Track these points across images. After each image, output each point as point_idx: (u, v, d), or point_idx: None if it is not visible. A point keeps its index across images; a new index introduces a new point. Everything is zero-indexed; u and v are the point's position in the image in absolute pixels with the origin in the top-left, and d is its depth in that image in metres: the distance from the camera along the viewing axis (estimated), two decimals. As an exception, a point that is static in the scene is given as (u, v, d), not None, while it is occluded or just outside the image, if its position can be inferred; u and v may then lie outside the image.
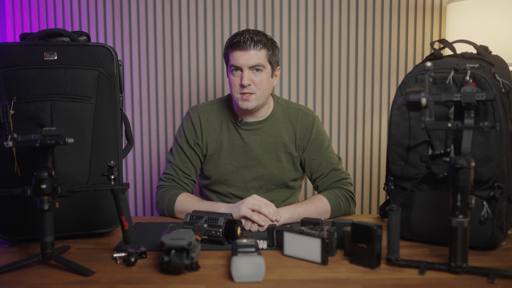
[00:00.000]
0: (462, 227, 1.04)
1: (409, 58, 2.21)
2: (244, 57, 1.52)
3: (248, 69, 1.53)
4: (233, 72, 1.56)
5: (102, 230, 1.33)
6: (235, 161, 1.64)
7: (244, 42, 1.52)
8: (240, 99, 1.55)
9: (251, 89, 1.53)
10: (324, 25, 2.19)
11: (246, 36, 1.53)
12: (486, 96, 1.06)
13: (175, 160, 1.65)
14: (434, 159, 1.24)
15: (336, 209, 1.53)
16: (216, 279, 1.04)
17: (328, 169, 1.64)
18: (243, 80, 1.52)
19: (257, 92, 1.55)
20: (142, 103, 2.22)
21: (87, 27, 2.19)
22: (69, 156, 1.27)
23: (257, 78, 1.54)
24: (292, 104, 1.71)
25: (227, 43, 1.58)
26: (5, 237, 1.28)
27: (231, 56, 1.55)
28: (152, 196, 2.28)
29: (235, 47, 1.53)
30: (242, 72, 1.54)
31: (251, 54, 1.52)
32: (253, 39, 1.53)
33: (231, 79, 1.57)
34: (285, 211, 1.43)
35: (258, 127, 1.64)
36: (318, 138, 1.66)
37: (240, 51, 1.52)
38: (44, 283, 1.03)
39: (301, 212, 1.45)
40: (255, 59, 1.53)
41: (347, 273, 1.07)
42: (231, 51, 1.55)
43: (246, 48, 1.52)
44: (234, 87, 1.56)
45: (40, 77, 1.25)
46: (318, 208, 1.50)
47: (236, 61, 1.53)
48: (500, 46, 1.79)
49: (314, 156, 1.65)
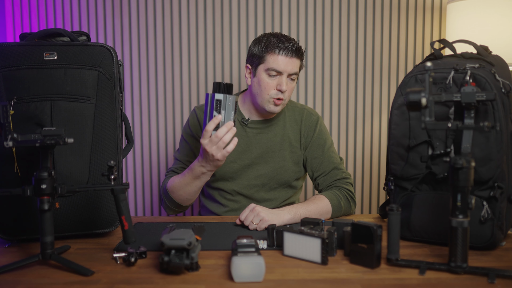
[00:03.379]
0: (462, 227, 1.04)
1: (409, 58, 2.21)
2: (289, 64, 1.55)
3: (287, 75, 1.56)
4: (270, 75, 1.56)
5: (102, 230, 1.33)
6: (240, 160, 1.64)
7: (293, 50, 1.55)
8: (272, 103, 1.57)
9: (284, 95, 1.57)
10: (324, 25, 2.19)
11: (296, 45, 1.57)
12: (486, 96, 1.06)
13: (180, 155, 1.67)
14: (434, 159, 1.24)
15: (337, 209, 1.54)
16: (216, 279, 1.04)
17: (329, 168, 1.64)
18: (282, 85, 1.55)
19: (286, 99, 1.59)
20: (142, 103, 2.22)
21: (87, 27, 2.18)
22: (69, 156, 1.27)
23: (290, 85, 1.59)
24: (297, 104, 1.74)
25: (268, 43, 1.56)
26: (5, 237, 1.28)
27: (272, 59, 1.55)
28: (152, 196, 2.28)
29: (281, 52, 1.54)
30: (280, 77, 1.56)
31: (295, 63, 1.57)
32: (300, 50, 1.58)
33: (264, 81, 1.56)
34: (287, 212, 1.43)
35: (265, 126, 1.66)
36: (321, 137, 1.68)
37: (285, 57, 1.55)
38: (44, 283, 1.03)
39: (303, 213, 1.45)
40: (296, 68, 1.58)
41: (347, 273, 1.07)
42: (273, 53, 1.55)
43: (292, 55, 1.55)
44: (268, 90, 1.56)
45: (40, 77, 1.25)
46: (320, 209, 1.50)
47: (280, 66, 1.55)
48: (500, 46, 1.79)
49: (316, 154, 1.66)
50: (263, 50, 1.57)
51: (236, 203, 1.68)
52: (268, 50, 1.56)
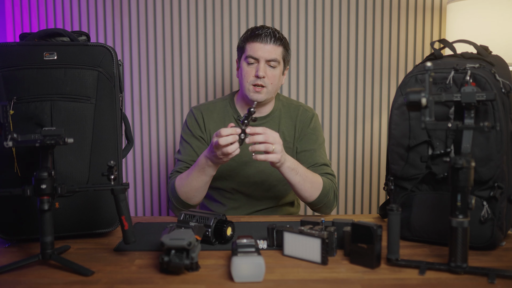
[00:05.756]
0: (462, 227, 1.03)
1: (409, 58, 2.21)
2: (263, 49, 1.57)
3: (264, 62, 1.58)
4: (248, 62, 1.59)
5: (102, 230, 1.33)
6: (238, 157, 1.63)
7: (266, 35, 1.58)
8: (252, 90, 1.59)
9: (264, 82, 1.58)
10: (324, 25, 2.19)
11: (268, 31, 1.59)
12: (486, 96, 1.06)
13: (182, 156, 1.67)
14: (434, 159, 1.24)
15: (325, 193, 1.54)
16: (216, 279, 1.04)
17: (319, 162, 1.65)
18: (259, 71, 1.57)
19: (269, 86, 1.59)
20: (142, 103, 2.22)
21: (87, 27, 2.18)
22: (69, 156, 1.27)
23: (271, 73, 1.59)
24: (292, 101, 1.75)
25: (246, 34, 1.62)
26: (5, 237, 1.28)
27: (249, 47, 1.59)
28: (152, 196, 2.28)
29: (256, 38, 1.58)
30: (258, 64, 1.58)
31: (270, 48, 1.58)
32: (274, 35, 1.59)
33: (244, 69, 1.60)
34: (290, 160, 1.45)
35: (260, 123, 1.66)
36: (314, 133, 1.69)
37: (260, 43, 1.58)
38: (44, 283, 1.02)
39: (301, 171, 1.48)
40: (273, 54, 1.59)
41: (347, 273, 1.07)
42: (250, 42, 1.60)
43: (267, 41, 1.58)
44: (247, 77, 1.59)
45: (40, 77, 1.25)
46: (314, 181, 1.52)
47: (255, 53, 1.58)
48: (500, 46, 1.79)
49: (308, 147, 1.67)
50: (242, 41, 1.63)
51: (235, 201, 1.68)
52: (246, 40, 1.61)
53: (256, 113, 1.65)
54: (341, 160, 2.26)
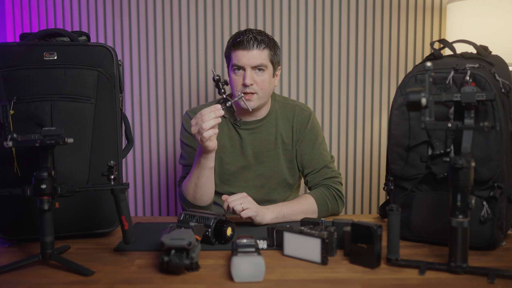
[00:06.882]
0: (462, 227, 1.04)
1: (409, 58, 2.21)
2: (246, 56, 1.52)
3: (250, 68, 1.53)
4: (235, 71, 1.55)
5: (102, 230, 1.33)
6: (237, 161, 1.64)
7: (248, 41, 1.52)
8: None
9: (253, 88, 1.54)
10: (324, 25, 2.19)
11: (249, 36, 1.53)
12: (486, 96, 1.06)
13: (186, 160, 1.64)
14: (434, 159, 1.24)
15: (323, 209, 1.53)
16: (216, 279, 1.04)
17: (320, 165, 1.63)
18: (246, 79, 1.52)
19: (259, 92, 1.55)
20: (142, 103, 2.22)
21: (87, 27, 2.18)
22: (69, 156, 1.27)
23: (259, 78, 1.54)
24: (289, 100, 1.72)
25: (229, 42, 1.58)
26: (5, 237, 1.28)
27: (234, 56, 1.55)
28: (152, 196, 2.28)
29: (238, 46, 1.53)
30: (244, 72, 1.53)
31: (254, 54, 1.52)
32: (256, 39, 1.53)
33: (232, 78, 1.57)
34: (271, 211, 1.43)
35: (257, 126, 1.65)
36: (312, 133, 1.66)
37: (243, 51, 1.52)
38: (44, 283, 1.03)
39: (286, 213, 1.45)
40: (258, 59, 1.53)
41: (347, 273, 1.07)
42: (233, 50, 1.55)
43: (249, 47, 1.52)
44: (236, 86, 1.55)
45: (40, 77, 1.25)
46: (305, 208, 1.49)
47: (239, 61, 1.53)
48: (500, 46, 1.79)
49: (307, 150, 1.65)
50: (227, 49, 1.59)
51: None
52: (229, 49, 1.58)
53: (253, 116, 1.64)
54: (341, 160, 2.26)
